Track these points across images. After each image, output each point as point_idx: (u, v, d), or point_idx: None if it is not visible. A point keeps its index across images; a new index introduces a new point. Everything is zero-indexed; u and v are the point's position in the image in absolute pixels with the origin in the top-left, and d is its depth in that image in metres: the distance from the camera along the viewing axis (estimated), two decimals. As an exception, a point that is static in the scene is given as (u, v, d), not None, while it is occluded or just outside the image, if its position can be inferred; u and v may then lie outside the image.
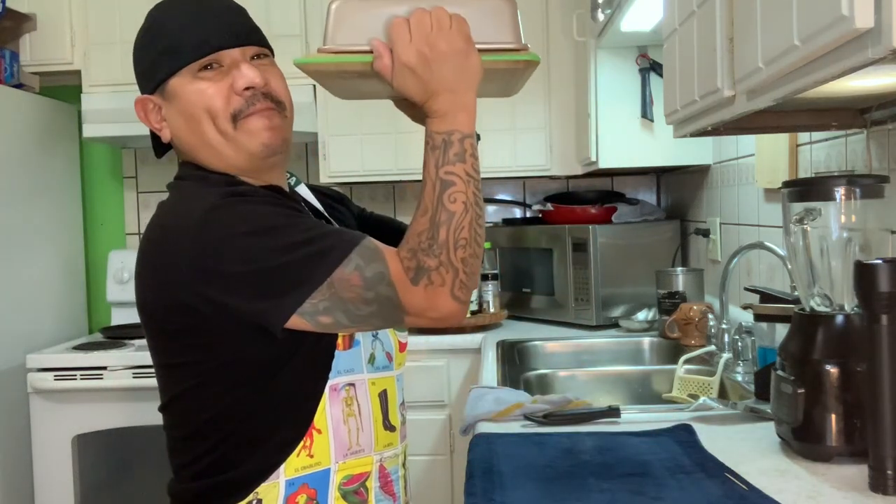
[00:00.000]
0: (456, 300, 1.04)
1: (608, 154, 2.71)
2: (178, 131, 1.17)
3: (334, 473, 1.13)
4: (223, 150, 1.14)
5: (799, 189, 1.28)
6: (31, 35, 3.07)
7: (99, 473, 2.89)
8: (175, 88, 1.14)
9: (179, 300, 1.05)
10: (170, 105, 1.15)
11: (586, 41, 2.75)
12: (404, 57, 1.03)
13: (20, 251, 2.89)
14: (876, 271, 1.05)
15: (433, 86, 1.04)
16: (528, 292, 3.02)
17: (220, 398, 1.11)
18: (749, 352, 1.89)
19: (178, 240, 1.05)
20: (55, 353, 2.84)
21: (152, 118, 1.18)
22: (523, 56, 1.06)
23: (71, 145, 3.28)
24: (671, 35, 1.63)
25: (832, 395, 1.18)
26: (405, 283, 1.03)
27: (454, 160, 1.04)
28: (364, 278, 1.02)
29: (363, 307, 1.03)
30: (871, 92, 1.21)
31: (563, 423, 1.47)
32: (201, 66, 1.13)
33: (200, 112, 1.13)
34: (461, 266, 1.03)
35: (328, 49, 1.07)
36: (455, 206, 1.03)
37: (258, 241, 1.02)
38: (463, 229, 1.03)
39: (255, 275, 1.02)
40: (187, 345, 1.09)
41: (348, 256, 1.02)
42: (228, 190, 1.08)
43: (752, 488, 1.10)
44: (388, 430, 1.21)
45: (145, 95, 1.17)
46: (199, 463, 1.13)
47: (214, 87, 1.13)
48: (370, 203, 3.45)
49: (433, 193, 1.04)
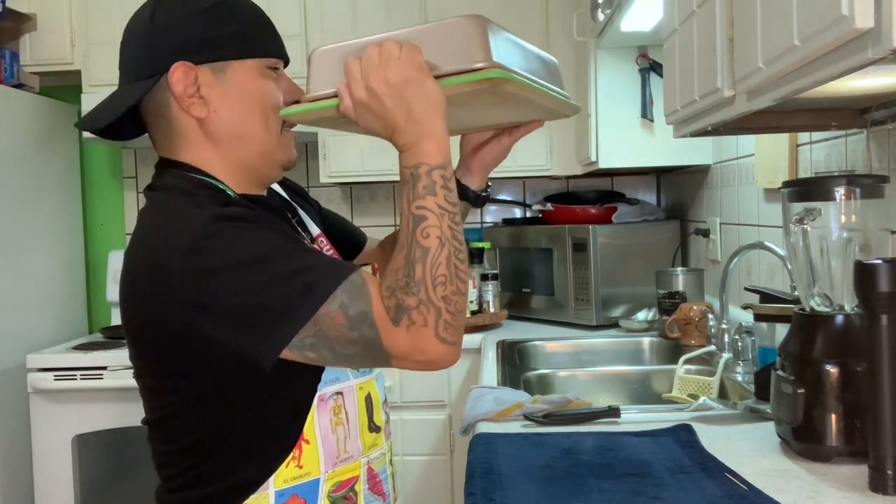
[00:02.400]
0: (442, 342, 1.00)
1: (608, 154, 2.72)
2: (223, 115, 1.12)
3: (323, 482, 1.11)
4: (262, 149, 1.14)
5: (799, 189, 1.28)
6: (31, 35, 3.07)
7: (99, 473, 2.89)
8: (238, 72, 1.12)
9: (167, 326, 1.02)
10: (221, 84, 1.11)
11: (586, 41, 2.75)
12: (356, 94, 1.02)
13: (20, 251, 2.89)
14: (876, 271, 1.05)
15: (391, 120, 1.01)
16: (528, 292, 3.02)
17: (208, 418, 1.08)
18: (749, 352, 1.89)
19: (166, 266, 1.01)
20: (55, 353, 2.84)
21: (187, 89, 1.10)
22: (483, 75, 0.98)
23: (71, 145, 3.28)
24: (671, 35, 1.63)
25: (832, 395, 1.18)
26: (387, 324, 0.99)
27: (423, 194, 1.01)
28: (348, 317, 0.99)
29: (348, 346, 1.01)
30: (871, 92, 1.21)
31: (563, 423, 1.47)
32: (270, 65, 1.14)
33: (260, 105, 1.13)
34: (443, 305, 0.99)
35: (307, 98, 1.08)
36: (429, 241, 1.00)
37: (246, 274, 0.99)
38: (440, 265, 0.99)
39: (243, 310, 0.99)
40: (175, 368, 1.06)
41: (333, 293, 0.99)
42: (217, 212, 1.03)
43: (752, 488, 1.10)
44: (373, 431, 1.20)
45: (189, 63, 1.10)
46: (186, 475, 1.10)
47: (276, 89, 1.15)
48: (370, 203, 3.46)
49: (407, 229, 1.01)
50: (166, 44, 1.11)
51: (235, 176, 1.15)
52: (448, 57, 1.01)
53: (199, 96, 1.11)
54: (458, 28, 1.00)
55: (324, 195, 3.42)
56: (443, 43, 1.01)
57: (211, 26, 1.11)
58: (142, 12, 1.15)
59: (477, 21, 1.00)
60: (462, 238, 1.03)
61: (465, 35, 1.00)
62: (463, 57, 1.00)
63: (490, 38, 1.00)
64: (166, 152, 1.16)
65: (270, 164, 1.16)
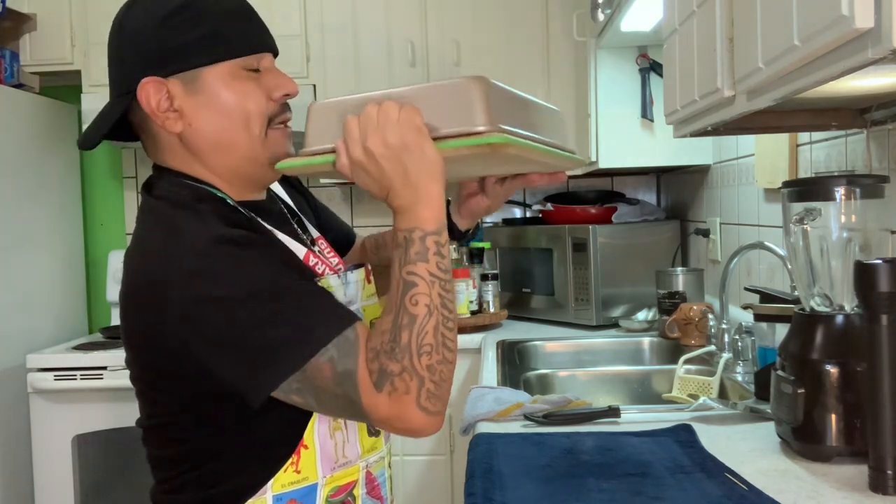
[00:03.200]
0: (424, 411, 0.98)
1: (608, 154, 2.72)
2: (200, 128, 1.08)
3: (321, 487, 1.11)
4: (247, 154, 1.10)
5: (799, 189, 1.28)
6: (31, 35, 3.07)
7: (99, 473, 2.89)
8: (210, 81, 1.06)
9: (162, 339, 1.01)
10: (194, 97, 1.06)
11: (586, 41, 2.75)
12: (353, 154, 0.99)
13: (20, 251, 2.89)
14: (876, 271, 1.05)
15: (387, 181, 0.99)
16: (528, 292, 3.02)
17: (204, 427, 1.07)
18: (749, 352, 1.89)
19: (167, 284, 0.99)
20: (55, 353, 2.84)
21: (160, 105, 1.06)
22: (484, 139, 0.96)
23: (71, 145, 3.28)
24: (671, 35, 1.63)
25: (832, 395, 1.18)
26: (369, 387, 0.98)
27: (415, 259, 0.99)
28: (335, 372, 0.98)
29: (332, 400, 0.99)
30: (871, 92, 1.21)
31: (563, 423, 1.47)
32: (247, 65, 1.08)
33: (238, 113, 1.08)
34: (427, 374, 0.97)
35: (304, 152, 1.06)
36: (417, 308, 0.97)
37: (244, 309, 0.97)
38: (426, 334, 0.97)
39: (235, 345, 0.98)
40: (169, 379, 1.05)
41: (326, 346, 0.97)
42: (221, 234, 1.01)
43: (752, 488, 1.10)
44: (372, 435, 1.19)
45: (158, 78, 1.06)
46: (182, 478, 1.10)
47: (257, 90, 1.09)
48: (370, 203, 3.46)
49: (397, 293, 0.99)
50: (133, 57, 1.08)
51: (227, 183, 1.12)
52: (448, 118, 0.98)
53: (173, 110, 1.07)
54: (460, 89, 0.98)
55: (324, 195, 3.41)
56: (443, 103, 0.99)
57: (176, 33, 1.06)
58: (114, 20, 1.12)
59: (478, 82, 0.98)
60: (452, 306, 1.01)
61: (466, 96, 0.97)
62: (464, 119, 0.97)
63: (491, 99, 0.97)
64: (159, 161, 1.14)
65: (259, 167, 1.12)
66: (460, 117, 0.98)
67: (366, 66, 3.07)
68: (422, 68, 3.07)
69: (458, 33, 3.06)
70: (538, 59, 3.07)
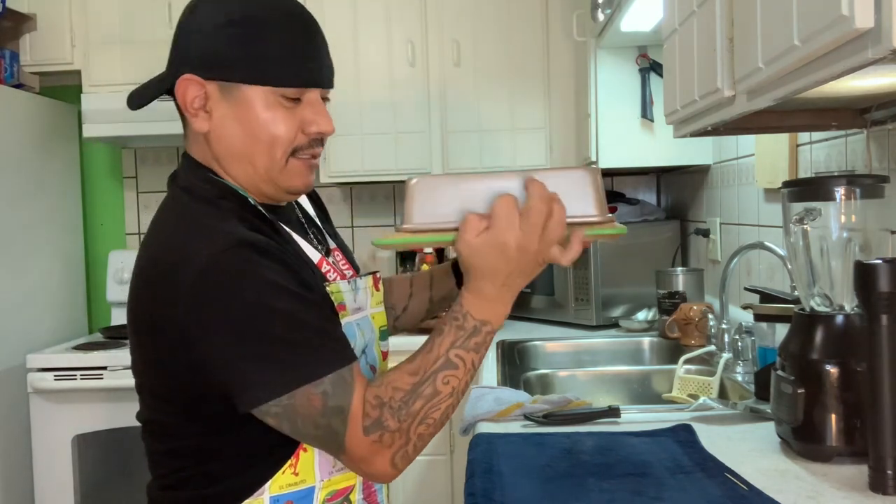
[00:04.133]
0: (392, 466, 1.02)
1: (608, 154, 2.72)
2: (225, 135, 1.09)
3: (319, 491, 1.11)
4: (264, 174, 1.10)
5: (799, 189, 1.28)
6: (31, 35, 3.07)
7: (99, 473, 2.89)
8: (247, 97, 1.07)
9: (168, 333, 1.02)
10: (227, 105, 1.07)
11: (586, 41, 2.75)
12: (503, 237, 0.98)
13: (20, 251, 2.89)
14: (876, 271, 1.05)
15: (497, 273, 1.00)
16: (528, 292, 3.02)
17: (202, 423, 1.07)
18: (749, 352, 1.89)
19: (180, 275, 0.99)
20: (55, 353, 2.84)
21: (193, 102, 1.07)
22: (608, 231, 1.01)
23: (71, 145, 3.28)
24: (671, 35, 1.63)
25: (832, 395, 1.18)
26: (358, 428, 0.99)
27: (471, 348, 1.01)
28: (325, 406, 0.98)
29: (310, 428, 1.00)
30: (871, 92, 1.21)
31: (563, 423, 1.47)
32: (287, 94, 1.07)
33: (264, 135, 1.07)
34: (415, 439, 1.01)
35: (410, 229, 1.05)
36: (445, 388, 1.00)
37: (250, 316, 0.98)
38: (438, 410, 1.01)
39: (232, 352, 0.98)
40: (170, 372, 1.05)
41: (321, 379, 0.98)
42: (242, 236, 1.01)
43: (752, 488, 1.10)
44: None
45: (197, 78, 1.06)
46: (180, 474, 1.10)
47: (290, 119, 1.08)
48: (370, 203, 3.45)
49: (431, 364, 1.00)
50: (187, 49, 1.09)
51: (244, 187, 1.12)
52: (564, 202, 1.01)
53: (205, 110, 1.08)
54: (575, 178, 1.01)
55: (324, 195, 3.41)
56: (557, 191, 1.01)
57: (229, 43, 1.06)
58: (190, 3, 1.12)
59: (592, 173, 1.02)
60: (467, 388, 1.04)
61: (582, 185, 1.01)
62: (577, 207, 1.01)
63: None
64: (188, 150, 1.15)
65: (274, 188, 1.12)
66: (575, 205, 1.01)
67: (366, 65, 3.07)
68: (422, 68, 3.07)
69: (458, 33, 3.06)
70: (538, 59, 3.07)
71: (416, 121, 3.05)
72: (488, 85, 3.07)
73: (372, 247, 3.36)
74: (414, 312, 1.42)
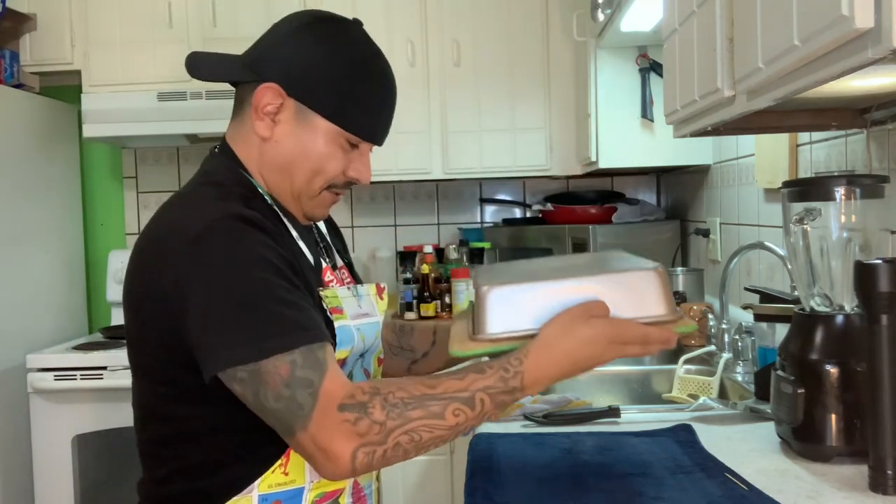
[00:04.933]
0: (352, 459, 0.96)
1: (608, 154, 2.71)
2: (281, 147, 1.15)
3: (308, 492, 1.11)
4: (294, 193, 1.16)
5: (799, 189, 1.28)
6: (31, 35, 3.07)
7: (99, 473, 2.89)
8: (316, 125, 1.14)
9: (156, 301, 1.04)
10: (296, 123, 1.14)
11: (586, 41, 2.75)
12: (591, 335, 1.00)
13: (20, 251, 2.89)
14: (876, 271, 1.05)
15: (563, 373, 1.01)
16: (528, 292, 3.02)
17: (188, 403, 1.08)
18: (749, 352, 1.89)
19: (170, 248, 1.03)
20: (55, 353, 2.84)
21: (267, 108, 1.13)
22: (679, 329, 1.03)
23: (71, 145, 3.28)
24: (671, 35, 1.63)
25: (832, 395, 1.18)
26: (330, 405, 0.97)
27: (497, 402, 0.99)
28: (292, 376, 0.97)
29: (271, 401, 0.98)
30: (871, 92, 1.21)
31: (563, 423, 1.47)
32: (351, 140, 1.16)
33: (315, 163, 1.14)
34: (390, 445, 0.96)
35: (488, 339, 1.05)
36: (451, 418, 0.98)
37: (228, 283, 1.00)
38: (430, 433, 0.98)
39: (210, 314, 1.00)
40: (160, 341, 1.06)
41: (292, 350, 0.98)
42: (234, 211, 1.05)
43: (752, 488, 1.10)
44: None
45: (281, 90, 1.13)
46: (169, 466, 1.10)
47: (342, 160, 1.16)
48: (370, 203, 3.46)
49: (454, 390, 0.98)
50: (282, 59, 1.14)
51: (270, 192, 1.18)
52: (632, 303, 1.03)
53: (273, 120, 1.14)
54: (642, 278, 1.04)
55: (324, 195, 3.42)
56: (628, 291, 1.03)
57: (323, 76, 1.12)
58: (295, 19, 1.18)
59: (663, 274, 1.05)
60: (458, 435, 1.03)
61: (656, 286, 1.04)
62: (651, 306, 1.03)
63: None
64: (230, 135, 1.20)
65: (296, 208, 1.19)
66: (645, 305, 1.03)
67: (366, 66, 3.06)
68: (422, 68, 3.07)
69: (458, 33, 3.06)
70: (538, 59, 3.07)
71: (416, 121, 3.05)
72: (488, 85, 3.07)
73: (371, 247, 3.37)
74: (433, 361, 1.43)
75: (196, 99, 2.93)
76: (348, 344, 1.15)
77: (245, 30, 2.94)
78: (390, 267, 3.30)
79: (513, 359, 1.00)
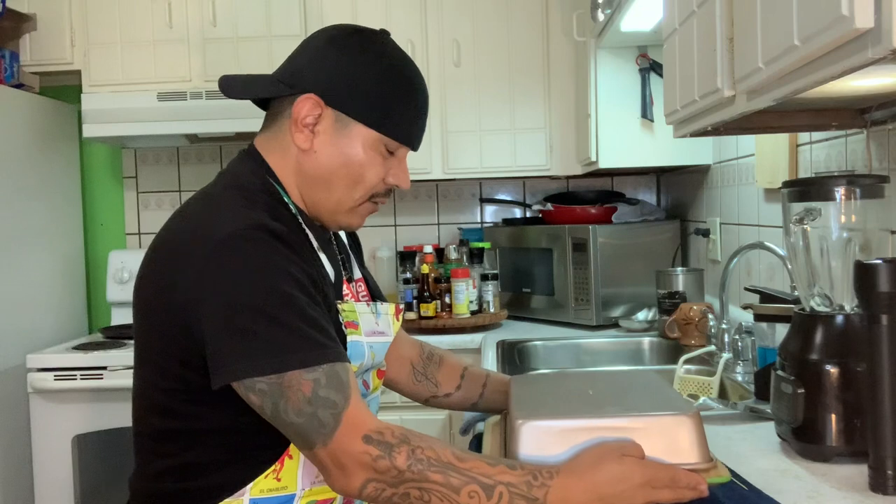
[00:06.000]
0: (361, 489, 0.99)
1: (608, 154, 2.72)
2: (320, 157, 1.15)
3: (299, 499, 1.11)
4: (333, 205, 1.17)
5: (799, 189, 1.28)
6: (31, 35, 3.07)
7: (99, 473, 2.89)
8: (355, 133, 1.14)
9: (171, 295, 1.04)
10: (334, 132, 1.15)
11: (586, 41, 2.75)
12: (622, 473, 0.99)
13: (20, 251, 2.89)
14: (876, 271, 1.05)
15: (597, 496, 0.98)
16: (528, 292, 3.02)
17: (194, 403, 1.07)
18: (749, 352, 1.89)
19: (193, 249, 1.03)
20: (55, 353, 2.84)
21: (306, 119, 1.14)
22: (712, 479, 1.02)
23: (71, 145, 3.28)
24: (671, 35, 1.63)
25: (832, 395, 1.18)
26: (355, 432, 0.98)
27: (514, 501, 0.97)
28: (314, 393, 0.98)
29: (291, 415, 0.99)
30: (871, 92, 1.21)
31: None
32: (388, 145, 1.16)
33: (355, 171, 1.15)
34: (399, 492, 0.98)
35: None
36: (463, 497, 0.97)
37: (253, 295, 0.99)
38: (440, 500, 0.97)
39: (228, 325, 0.99)
40: (168, 336, 1.06)
41: (314, 368, 0.99)
42: (263, 222, 1.04)
43: (752, 488, 1.10)
44: None
45: (320, 101, 1.13)
46: (163, 462, 1.10)
47: (381, 166, 1.17)
48: (370, 203, 3.45)
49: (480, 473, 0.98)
50: (319, 72, 1.14)
51: (301, 203, 1.18)
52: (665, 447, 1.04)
53: (312, 131, 1.14)
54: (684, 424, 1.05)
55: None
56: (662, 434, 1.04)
57: (363, 84, 1.13)
58: (325, 33, 1.19)
59: (697, 419, 1.05)
60: None
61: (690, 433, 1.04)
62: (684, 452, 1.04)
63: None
64: (263, 148, 1.19)
65: (332, 221, 1.20)
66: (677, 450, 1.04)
67: (366, 66, 3.06)
68: (422, 68, 3.06)
69: (458, 33, 3.06)
70: (538, 59, 3.07)
71: (416, 121, 3.05)
72: (488, 85, 3.07)
73: (371, 247, 3.37)
74: (454, 403, 1.45)
75: (196, 99, 2.93)
76: (358, 360, 1.16)
77: (245, 30, 2.93)
78: (390, 267, 3.30)
79: (545, 470, 0.99)
